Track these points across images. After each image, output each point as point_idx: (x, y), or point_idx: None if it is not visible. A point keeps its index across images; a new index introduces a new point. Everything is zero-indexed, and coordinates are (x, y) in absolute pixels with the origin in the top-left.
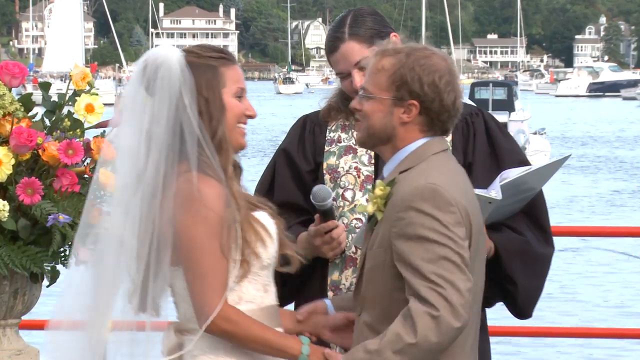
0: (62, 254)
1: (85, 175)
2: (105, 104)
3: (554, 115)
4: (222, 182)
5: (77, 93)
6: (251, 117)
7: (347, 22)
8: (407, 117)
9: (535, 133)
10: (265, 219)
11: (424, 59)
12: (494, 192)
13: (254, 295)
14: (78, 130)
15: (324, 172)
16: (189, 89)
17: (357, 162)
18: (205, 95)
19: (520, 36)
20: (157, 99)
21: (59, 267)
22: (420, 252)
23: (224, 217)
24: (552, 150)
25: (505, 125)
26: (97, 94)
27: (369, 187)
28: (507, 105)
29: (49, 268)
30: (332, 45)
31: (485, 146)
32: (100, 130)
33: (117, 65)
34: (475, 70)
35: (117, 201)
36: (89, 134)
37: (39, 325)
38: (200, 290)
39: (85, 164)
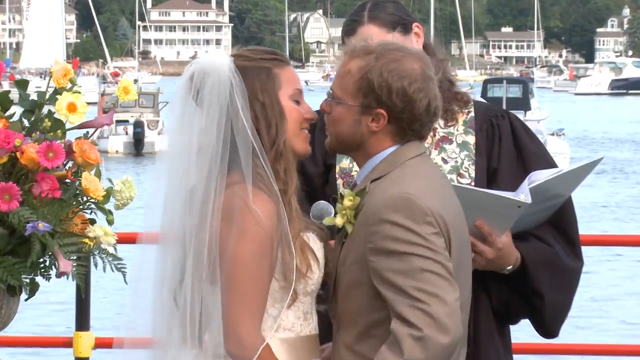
0: (42, 265)
1: (67, 180)
2: (88, 103)
3: (573, 114)
4: (275, 196)
5: (58, 91)
6: (311, 120)
7: (367, 7)
8: (376, 127)
9: (552, 134)
10: (314, 241)
11: (394, 62)
12: (523, 195)
13: (293, 322)
14: (59, 131)
15: (337, 176)
16: (240, 94)
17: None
18: (261, 100)
19: (537, 29)
20: (206, 108)
21: (38, 279)
22: (398, 267)
23: (274, 236)
24: (571, 153)
25: None
26: (79, 92)
27: (446, 147)
28: (523, 104)
29: (28, 280)
30: (349, 28)
31: (512, 150)
32: (83, 131)
33: (101, 60)
34: (488, 67)
35: (168, 217)
36: (71, 135)
37: (16, 343)
38: (236, 313)
39: (66, 167)
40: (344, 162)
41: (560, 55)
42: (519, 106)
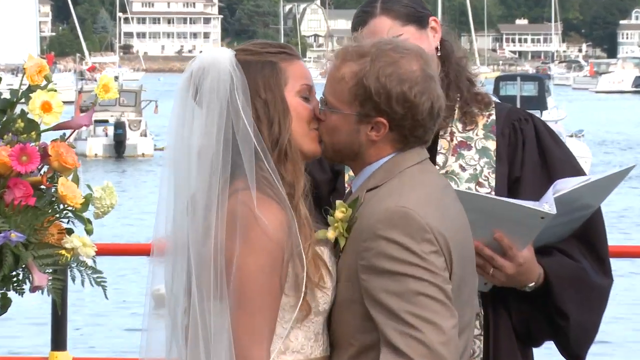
0: (15, 279)
1: (42, 186)
2: (64, 102)
3: (593, 114)
4: (285, 203)
5: (31, 89)
6: (322, 119)
7: None
8: (376, 136)
9: (571, 136)
10: (327, 254)
11: (391, 65)
12: (547, 205)
13: (302, 344)
14: (33, 133)
15: (346, 185)
16: (242, 90)
17: (451, 126)
18: (263, 97)
19: (555, 21)
20: (206, 107)
21: (11, 294)
22: (391, 288)
23: (285, 249)
24: (592, 157)
25: None
26: (55, 90)
27: (464, 152)
28: (538, 103)
29: None
30: (360, 20)
31: (536, 157)
32: (59, 132)
33: (79, 55)
34: (501, 62)
35: (170, 227)
36: (46, 138)
37: None
38: (244, 334)
39: (41, 172)
40: None
41: (580, 50)
42: (534, 105)
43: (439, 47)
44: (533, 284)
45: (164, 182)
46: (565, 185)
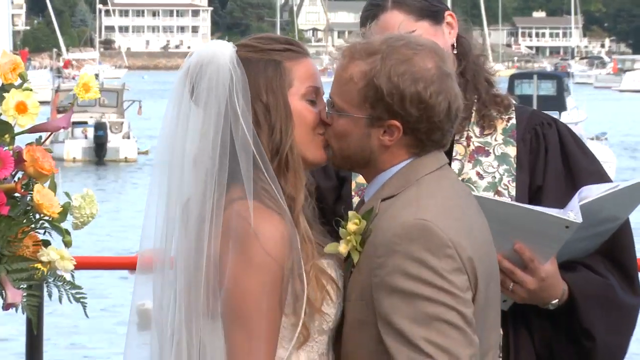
0: None
1: (16, 194)
2: (40, 102)
3: (617, 115)
4: (286, 215)
5: (5, 88)
6: (329, 123)
7: None
8: (389, 140)
9: (593, 139)
10: (332, 268)
11: (404, 63)
12: (573, 213)
13: None
14: (7, 135)
15: (353, 193)
16: (241, 91)
17: (468, 130)
18: (265, 100)
19: (575, 14)
20: (203, 107)
21: None
22: (406, 311)
23: (286, 265)
24: (616, 162)
25: None
26: (31, 90)
27: (481, 159)
28: (557, 103)
29: None
30: (370, 14)
31: (560, 165)
32: (35, 135)
33: (55, 51)
34: (516, 59)
35: (160, 238)
36: (21, 141)
37: None
38: (240, 354)
39: (15, 179)
40: (362, 177)
41: (603, 45)
42: (552, 106)
43: (455, 44)
44: (556, 301)
45: (154, 189)
46: (591, 192)
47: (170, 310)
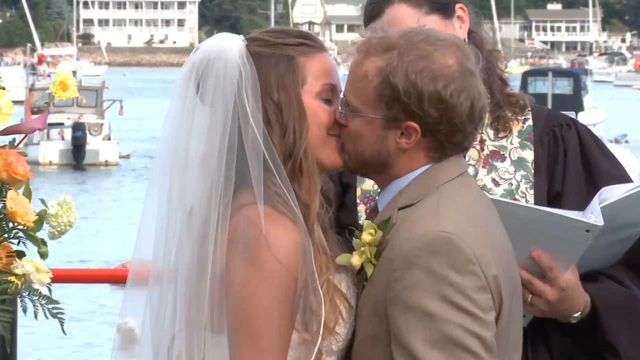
0: None
1: None
2: (14, 102)
3: (639, 116)
4: (299, 222)
5: None
6: (343, 124)
7: None
8: (407, 143)
9: (612, 141)
10: (345, 284)
11: (423, 59)
12: (593, 215)
13: None
14: None
15: (358, 200)
16: (251, 88)
17: (482, 133)
18: (276, 98)
19: (594, 6)
20: (209, 105)
21: None
22: (421, 331)
23: (299, 276)
24: (639, 165)
25: None
26: (3, 88)
27: (496, 164)
28: (573, 102)
29: None
30: (375, 8)
31: (580, 169)
32: (9, 138)
33: (29, 46)
34: (530, 54)
35: (159, 244)
36: None
37: None
38: None
39: None
40: (368, 184)
41: (623, 40)
42: (568, 105)
43: (466, 39)
44: (579, 313)
45: (153, 194)
46: (612, 193)
47: (168, 324)
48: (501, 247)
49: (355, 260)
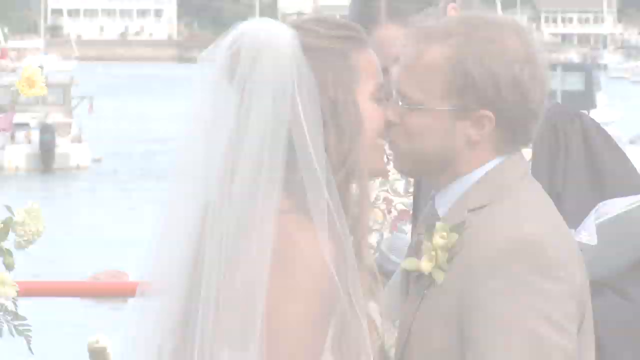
0: None
1: None
2: None
3: None
4: (343, 239)
5: None
6: (396, 122)
7: None
8: (478, 135)
9: (630, 142)
10: (377, 315)
11: (494, 43)
12: (586, 234)
13: None
14: None
15: None
16: (306, 86)
17: (387, 191)
18: (333, 96)
19: None
20: (254, 102)
21: None
22: (501, 342)
23: (335, 295)
24: None
25: None
26: None
27: (405, 227)
28: (585, 99)
29: None
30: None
31: (582, 169)
32: None
33: None
34: None
35: (177, 254)
36: None
37: None
38: None
39: None
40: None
41: None
42: (579, 103)
43: None
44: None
45: (172, 197)
46: (612, 207)
47: (178, 339)
48: (578, 251)
49: (425, 265)
